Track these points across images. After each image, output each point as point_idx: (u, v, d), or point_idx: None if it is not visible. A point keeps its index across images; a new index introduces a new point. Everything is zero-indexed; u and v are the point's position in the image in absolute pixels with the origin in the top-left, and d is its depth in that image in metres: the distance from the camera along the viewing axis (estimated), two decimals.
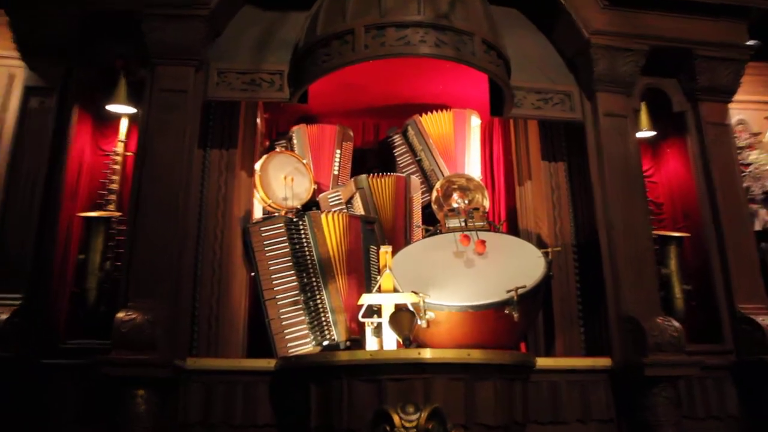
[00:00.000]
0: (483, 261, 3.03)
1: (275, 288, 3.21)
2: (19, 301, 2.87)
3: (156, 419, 2.66)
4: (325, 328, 3.17)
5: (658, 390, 2.92)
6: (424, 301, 2.67)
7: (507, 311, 2.67)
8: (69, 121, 3.20)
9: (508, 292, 2.68)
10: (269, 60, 3.31)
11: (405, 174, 4.10)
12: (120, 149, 3.42)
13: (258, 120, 3.79)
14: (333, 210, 3.69)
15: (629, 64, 3.43)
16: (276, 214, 3.54)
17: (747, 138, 4.05)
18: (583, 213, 3.60)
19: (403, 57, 3.06)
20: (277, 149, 3.96)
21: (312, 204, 3.80)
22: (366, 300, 2.74)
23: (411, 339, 2.57)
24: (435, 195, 3.80)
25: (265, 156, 3.70)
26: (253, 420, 2.86)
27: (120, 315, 2.72)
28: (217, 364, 2.96)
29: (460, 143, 4.13)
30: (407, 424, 2.38)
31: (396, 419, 2.39)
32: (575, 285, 3.54)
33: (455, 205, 3.58)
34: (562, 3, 3.42)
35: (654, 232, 3.43)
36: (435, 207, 3.79)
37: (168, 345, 2.76)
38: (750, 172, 3.92)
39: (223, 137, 3.47)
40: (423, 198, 4.04)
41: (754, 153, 3.99)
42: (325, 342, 3.14)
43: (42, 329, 2.95)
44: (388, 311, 2.67)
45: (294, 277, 3.25)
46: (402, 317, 2.60)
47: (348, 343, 3.16)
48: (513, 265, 2.98)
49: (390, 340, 2.68)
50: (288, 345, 3.12)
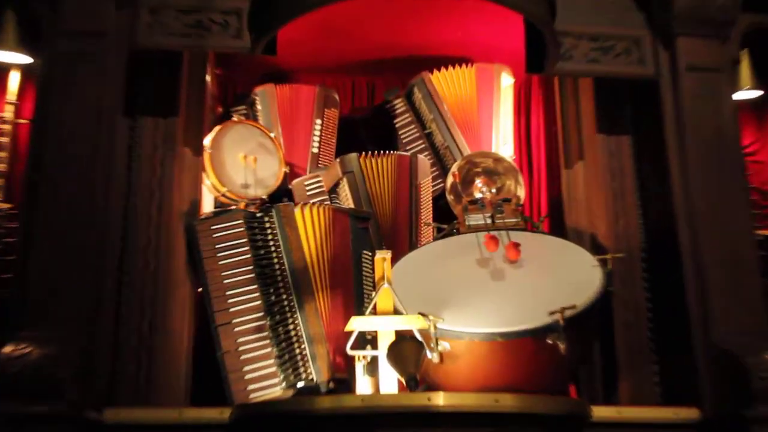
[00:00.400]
0: (517, 272, 3.02)
1: (231, 309, 3.21)
2: None
3: None
4: (300, 363, 3.19)
5: None
6: (435, 327, 2.63)
7: (550, 341, 2.63)
8: None
9: (550, 314, 2.63)
10: None
11: (410, 152, 4.13)
12: (9, 114, 3.48)
13: (208, 78, 3.77)
14: (311, 202, 3.69)
15: None
16: (233, 207, 3.55)
17: None
18: (657, 206, 3.56)
19: None
20: (235, 118, 3.99)
21: (282, 193, 3.83)
22: (356, 325, 2.71)
23: (418, 379, 2.53)
24: (451, 181, 3.81)
25: (218, 127, 3.71)
26: None
27: (6, 350, 2.65)
28: (149, 416, 2.91)
29: (485, 110, 4.19)
30: None
31: None
32: (645, 305, 3.50)
33: (479, 195, 3.61)
34: None
35: (758, 231, 3.46)
36: (451, 198, 3.82)
37: (79, 391, 2.69)
38: None
39: (159, 101, 3.42)
40: (434, 185, 4.11)
41: None
42: (300, 383, 3.16)
43: None
44: (386, 341, 2.66)
45: (257, 294, 3.25)
46: (406, 349, 2.57)
47: (331, 385, 3.18)
48: (558, 278, 2.98)
49: (389, 380, 2.64)
50: (248, 388, 3.12)
